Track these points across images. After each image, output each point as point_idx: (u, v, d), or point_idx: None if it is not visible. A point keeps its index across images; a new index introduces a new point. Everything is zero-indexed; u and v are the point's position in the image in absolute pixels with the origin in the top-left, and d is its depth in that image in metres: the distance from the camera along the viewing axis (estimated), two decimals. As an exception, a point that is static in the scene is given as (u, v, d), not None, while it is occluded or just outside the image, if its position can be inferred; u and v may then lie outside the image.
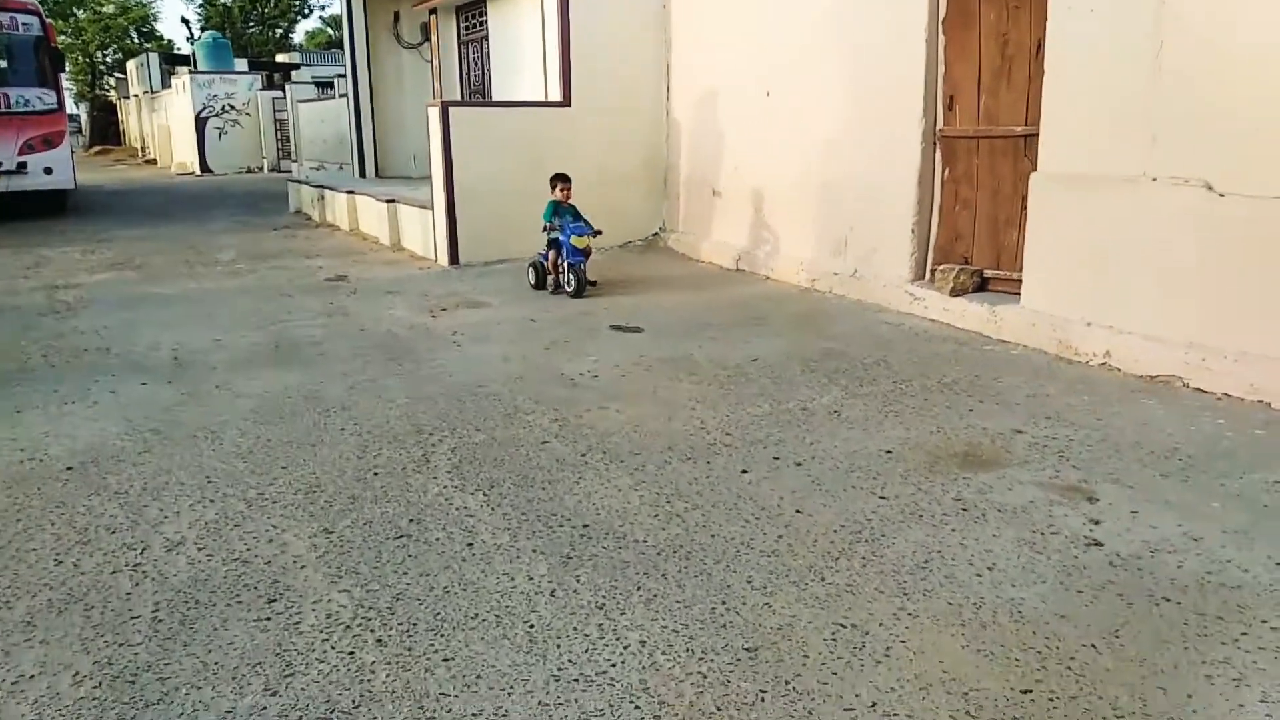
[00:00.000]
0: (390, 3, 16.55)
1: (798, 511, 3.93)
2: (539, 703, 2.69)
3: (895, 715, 2.60)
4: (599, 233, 8.39)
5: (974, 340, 6.60)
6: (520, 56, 12.74)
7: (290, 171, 22.53)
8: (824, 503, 4.00)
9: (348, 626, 3.11)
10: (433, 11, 15.60)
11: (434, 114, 9.69)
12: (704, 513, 3.93)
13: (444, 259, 9.93)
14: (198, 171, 28.06)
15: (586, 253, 8.24)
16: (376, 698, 2.73)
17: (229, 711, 2.67)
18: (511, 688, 2.76)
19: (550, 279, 8.49)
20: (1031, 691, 2.70)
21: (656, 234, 10.85)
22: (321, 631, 3.08)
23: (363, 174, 16.25)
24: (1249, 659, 2.82)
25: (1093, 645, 2.91)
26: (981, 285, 7.07)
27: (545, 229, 8.42)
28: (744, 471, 4.37)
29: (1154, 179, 5.60)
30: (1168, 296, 5.55)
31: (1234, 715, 2.55)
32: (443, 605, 3.23)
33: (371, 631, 3.08)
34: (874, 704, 2.66)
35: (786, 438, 4.78)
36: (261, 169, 28.77)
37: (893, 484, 4.19)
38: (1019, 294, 6.60)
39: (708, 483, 4.24)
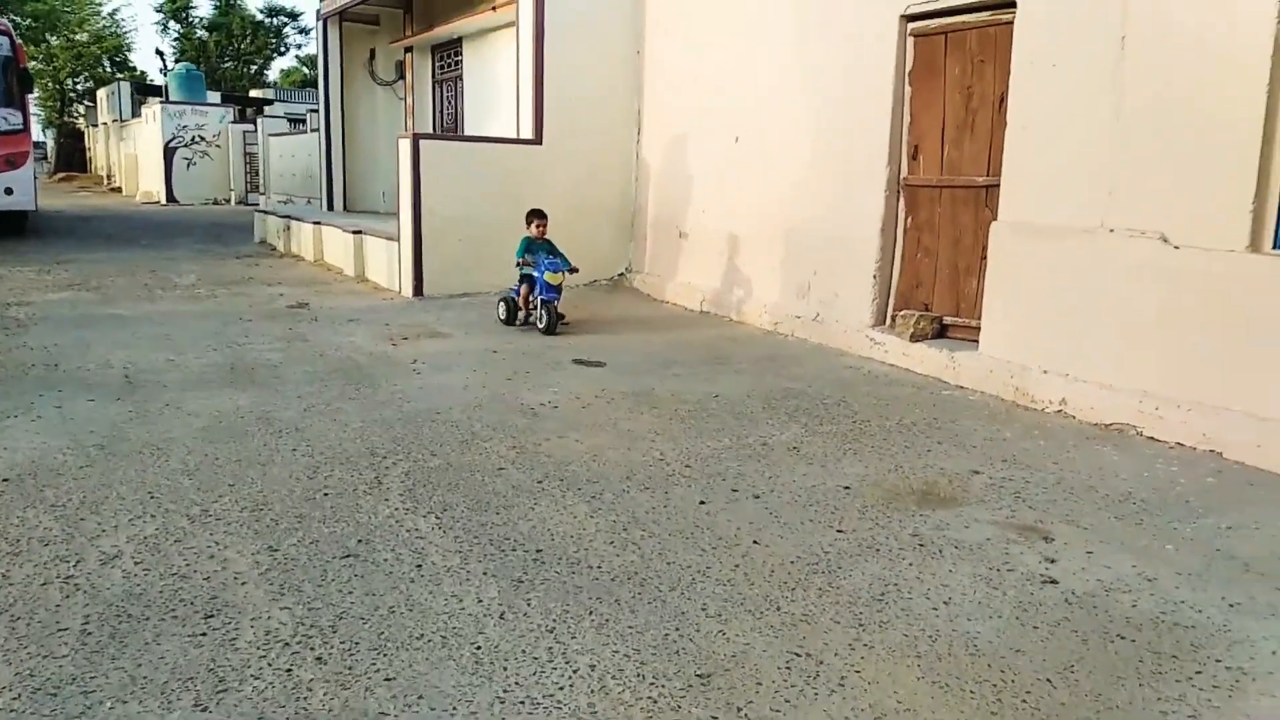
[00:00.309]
0: (366, 40, 16.64)
1: (755, 542, 3.88)
2: (483, 724, 2.60)
3: (848, 743, 2.54)
4: (575, 269, 8.34)
5: (932, 385, 6.65)
6: (494, 96, 12.84)
7: (257, 204, 22.38)
8: (781, 534, 3.96)
9: (286, 644, 3.00)
10: (409, 49, 15.72)
11: (404, 145, 9.68)
12: (660, 541, 3.87)
13: (408, 291, 9.86)
14: (163, 201, 27.80)
15: (559, 289, 8.14)
16: (313, 716, 2.62)
17: (155, 727, 2.55)
18: (455, 709, 2.67)
19: (521, 314, 8.40)
20: (986, 723, 2.65)
21: (623, 274, 10.87)
22: (259, 648, 2.97)
23: (330, 208, 16.19)
24: (1203, 696, 2.80)
25: (1048, 680, 2.88)
26: (941, 332, 7.14)
27: (518, 264, 8.34)
28: (702, 502, 4.32)
29: (1111, 230, 5.71)
30: (1123, 346, 5.63)
31: (1187, 750, 2.53)
32: (387, 625, 3.13)
33: (311, 649, 2.97)
34: (827, 732, 2.60)
35: (746, 471, 4.75)
36: (228, 201, 28.58)
37: (850, 519, 4.16)
38: (977, 341, 6.67)
39: (665, 512, 4.19)
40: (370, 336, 7.98)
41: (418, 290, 9.78)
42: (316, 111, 18.05)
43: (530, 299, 8.29)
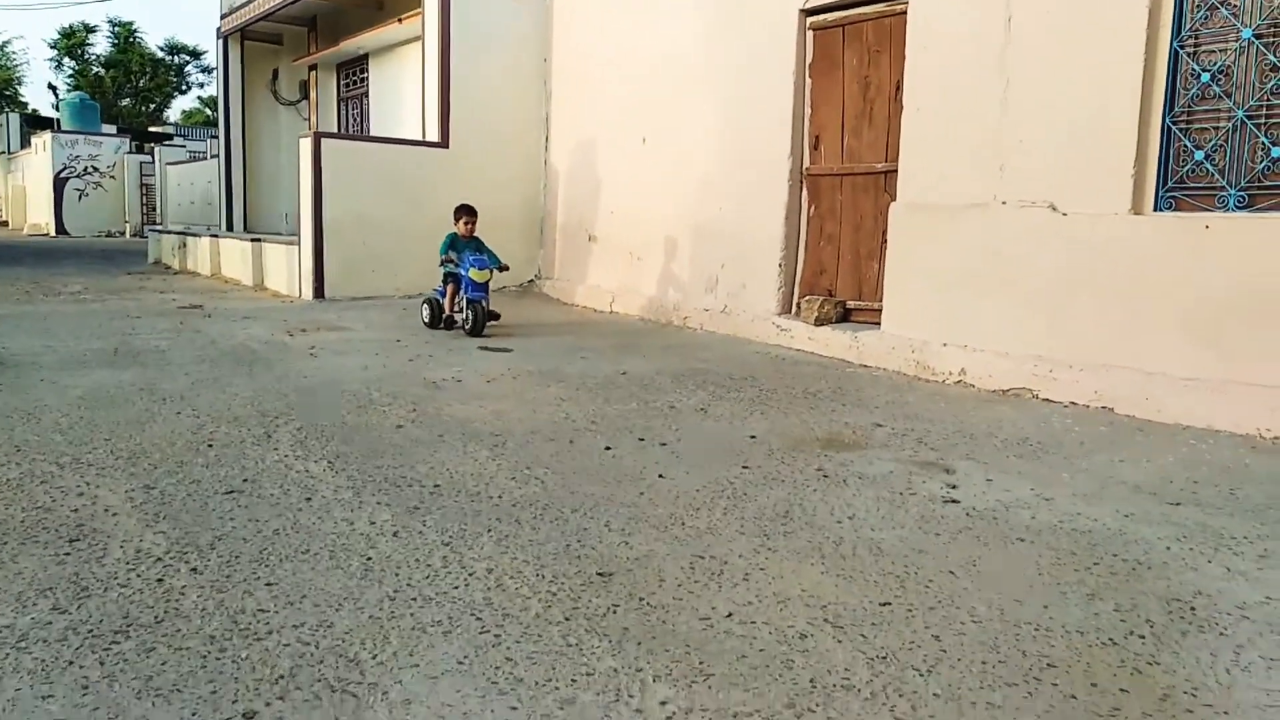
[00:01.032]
0: (269, 59, 16.35)
1: (660, 476, 3.81)
2: (369, 617, 2.45)
3: (752, 623, 2.47)
4: (505, 267, 7.89)
5: (837, 365, 6.71)
6: (400, 112, 12.70)
7: (154, 232, 21.58)
8: (687, 471, 3.90)
9: (159, 560, 2.80)
10: (313, 68, 15.49)
11: (305, 145, 9.48)
12: (564, 477, 3.77)
13: (309, 294, 9.59)
14: (52, 233, 26.68)
15: (486, 288, 7.67)
16: (184, 614, 2.44)
17: (6, 627, 2.33)
18: (341, 605, 2.51)
19: (446, 316, 7.88)
20: (890, 604, 2.62)
21: (533, 280, 10.79)
22: (127, 564, 2.76)
23: (230, 230, 15.71)
24: (1100, 580, 2.83)
25: (951, 572, 2.87)
26: (845, 315, 7.24)
27: (442, 262, 7.82)
28: (608, 448, 4.24)
29: (1003, 203, 5.89)
30: (1018, 314, 5.79)
31: (1090, 621, 2.53)
32: (271, 544, 2.95)
33: (186, 563, 2.78)
34: (730, 614, 2.52)
35: (653, 426, 4.69)
36: (123, 233, 27.56)
37: (756, 458, 4.13)
38: (880, 322, 6.78)
39: (569, 456, 4.09)
40: (267, 329, 7.70)
41: (319, 293, 9.52)
42: (217, 138, 17.59)
43: (456, 299, 7.82)
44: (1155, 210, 5.25)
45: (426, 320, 8.03)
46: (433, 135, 10.06)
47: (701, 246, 8.48)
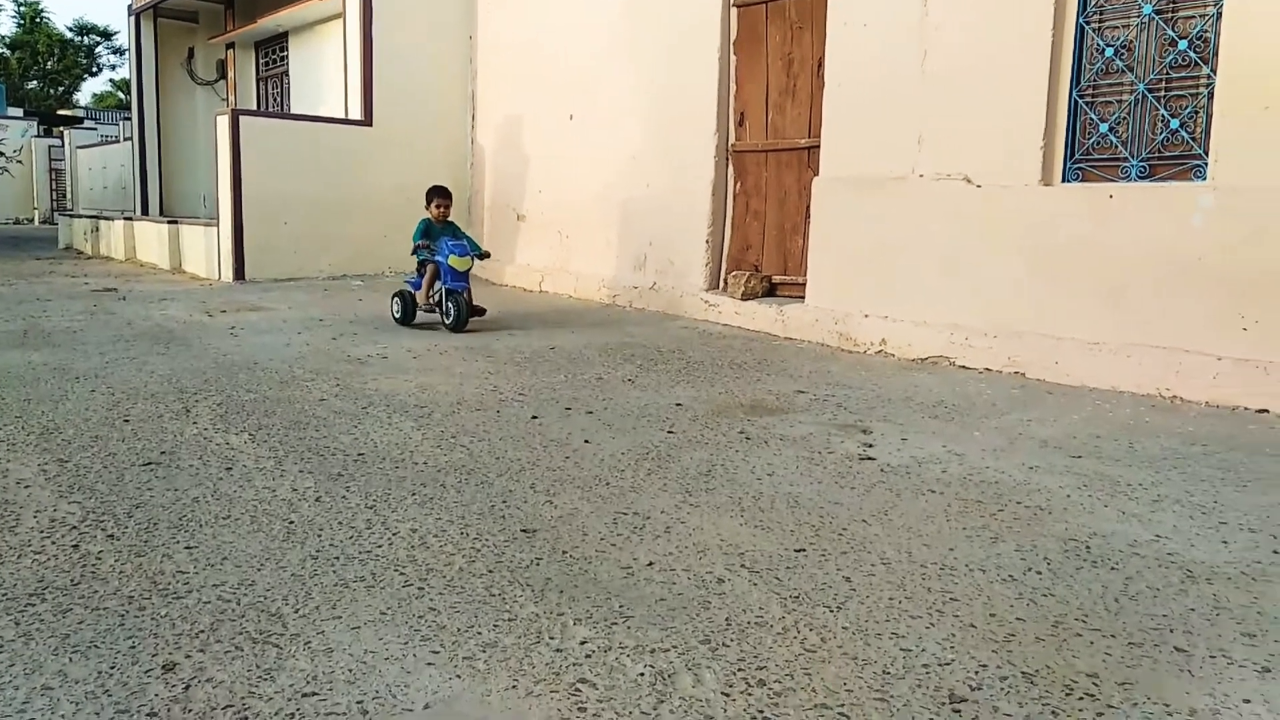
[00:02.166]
0: (184, 37, 15.87)
1: (586, 442, 3.86)
2: (292, 575, 2.45)
3: (672, 570, 2.54)
4: (486, 254, 7.20)
5: (763, 338, 6.83)
6: (322, 91, 12.46)
7: (66, 219, 20.84)
8: (613, 437, 3.96)
9: (74, 528, 2.76)
10: (230, 46, 15.10)
11: (222, 123, 9.27)
12: (490, 444, 3.79)
13: (229, 276, 9.39)
14: (-47, 220, 25.56)
15: (467, 277, 6.89)
16: (101, 577, 2.41)
17: (-90, 595, 2.29)
18: (263, 565, 2.51)
19: (421, 310, 7.06)
20: (805, 550, 2.71)
21: (459, 261, 10.71)
22: (41, 533, 2.72)
23: (146, 215, 15.26)
24: (1004, 525, 2.96)
25: (864, 521, 2.98)
26: (771, 290, 7.36)
27: (415, 250, 7.00)
28: (534, 417, 4.27)
29: (921, 175, 6.05)
30: (935, 284, 5.96)
31: (992, 560, 2.65)
32: (191, 511, 2.93)
33: (103, 529, 2.74)
34: (651, 563, 2.59)
35: (580, 396, 4.73)
36: (32, 220, 26.56)
37: (681, 424, 4.20)
38: (804, 296, 6.91)
39: (496, 425, 4.11)
40: (185, 310, 7.54)
41: (239, 275, 9.33)
42: (130, 121, 17.03)
43: (433, 291, 7.00)
44: (1064, 181, 5.45)
45: (398, 315, 7.09)
46: (355, 113, 9.92)
47: (630, 224, 8.52)
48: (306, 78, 13.33)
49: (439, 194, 7.21)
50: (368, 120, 9.85)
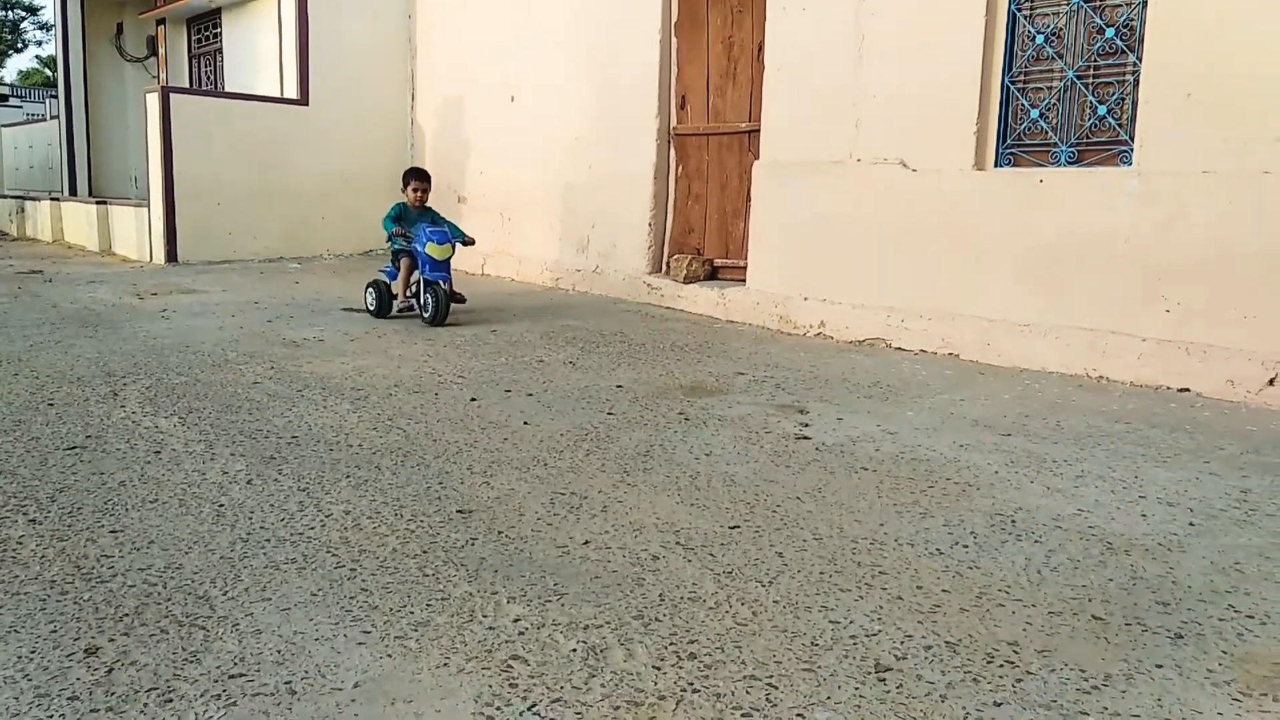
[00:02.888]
0: (113, 13, 15.38)
1: (525, 423, 3.85)
2: (221, 558, 2.42)
3: (607, 548, 2.55)
4: (470, 240, 6.51)
5: (706, 321, 6.87)
6: (257, 70, 12.16)
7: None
8: (552, 418, 3.95)
9: (-8, 513, 2.68)
10: (160, 22, 14.66)
11: (152, 101, 9.02)
12: (427, 426, 3.77)
13: (160, 258, 9.16)
14: None
15: (448, 266, 6.31)
16: (22, 562, 2.35)
17: None
18: (190, 548, 2.47)
19: (398, 302, 6.55)
20: (739, 527, 2.74)
21: (400, 244, 10.58)
22: (-43, 519, 2.63)
23: (74, 195, 14.79)
24: (933, 501, 3.02)
25: (798, 498, 3.02)
26: (713, 273, 7.40)
27: (390, 238, 6.43)
28: (473, 399, 4.25)
29: (859, 160, 6.12)
30: (873, 267, 6.04)
31: (920, 535, 2.71)
32: (117, 495, 2.86)
33: (24, 514, 2.67)
34: (586, 542, 2.60)
35: (520, 379, 4.71)
36: (-48, 201, 25.52)
37: (621, 405, 4.21)
38: (745, 280, 6.96)
39: (434, 407, 4.09)
40: (114, 293, 7.34)
41: (171, 257, 9.11)
42: (57, 99, 16.45)
43: (411, 281, 6.52)
44: (996, 166, 5.56)
45: (372, 308, 6.56)
46: (291, 92, 9.72)
47: (573, 207, 8.49)
48: (241, 56, 13.00)
49: (416, 176, 6.64)
50: (304, 100, 9.66)
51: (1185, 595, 2.34)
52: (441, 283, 6.22)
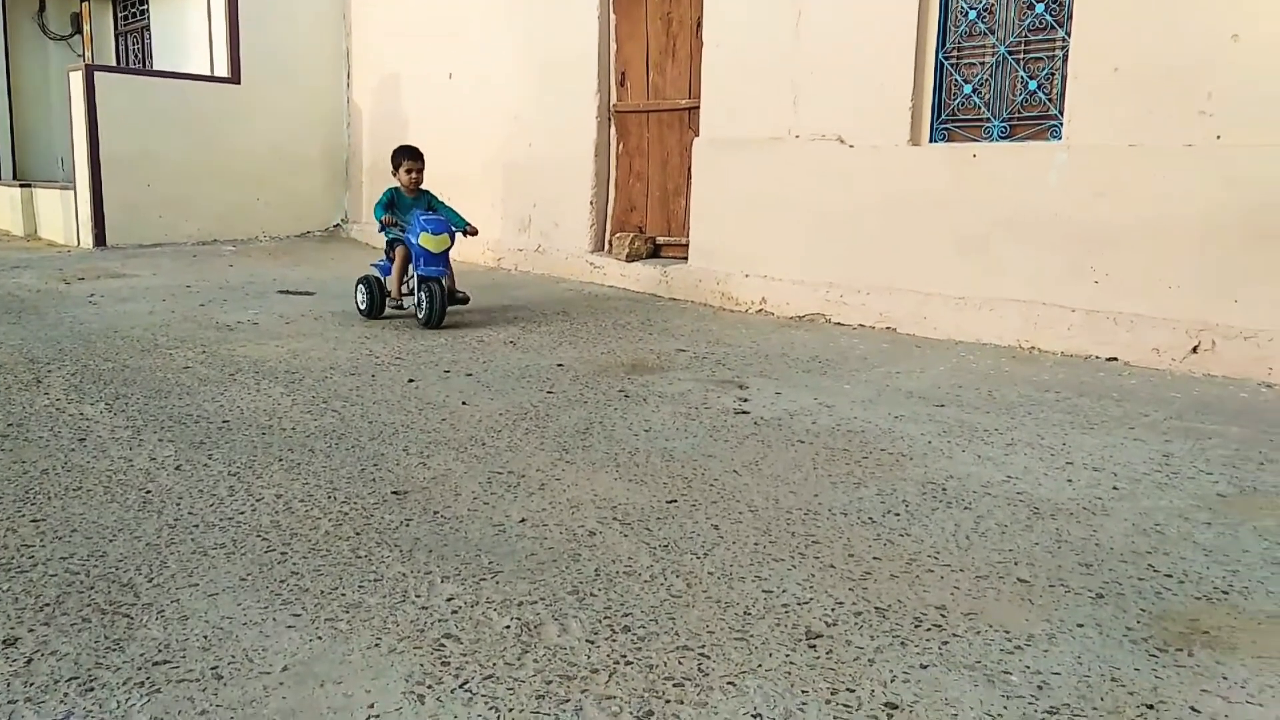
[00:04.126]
0: (34, -12, 14.82)
1: (463, 404, 3.83)
2: (146, 545, 2.36)
3: (544, 525, 2.55)
4: (472, 230, 5.71)
5: (648, 299, 6.87)
6: (187, 47, 11.79)
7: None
8: (491, 398, 3.93)
9: (-95, 506, 2.59)
10: (85, -1, 14.18)
11: (76, 80, 8.73)
12: (363, 408, 3.72)
13: (88, 242, 8.90)
14: None
15: (445, 259, 5.49)
16: (-67, 555, 2.28)
17: None
18: (115, 536, 2.41)
19: (390, 300, 5.76)
20: (676, 501, 2.75)
21: (339, 225, 10.41)
22: None
23: (-5, 178, 14.28)
24: (868, 470, 3.07)
25: (735, 471, 3.04)
26: (655, 251, 7.40)
27: (381, 227, 5.70)
28: (411, 380, 4.20)
29: (797, 136, 6.15)
30: (812, 244, 6.08)
31: (854, 504, 2.74)
32: (39, 483, 2.79)
33: (-63, 506, 2.58)
34: (523, 519, 2.59)
35: (460, 359, 4.67)
36: None
37: (561, 384, 4.20)
38: (687, 257, 6.96)
39: (371, 389, 4.03)
40: (39, 278, 7.12)
41: (100, 240, 8.85)
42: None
43: (406, 277, 5.73)
44: (931, 141, 5.62)
45: (362, 307, 5.79)
46: (222, 70, 9.48)
47: (514, 185, 8.41)
48: (170, 33, 12.60)
49: (408, 156, 5.75)
50: (235, 78, 9.43)
51: (1107, 556, 2.40)
52: (438, 278, 5.43)
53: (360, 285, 5.85)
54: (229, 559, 2.29)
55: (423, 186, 5.81)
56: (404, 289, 5.73)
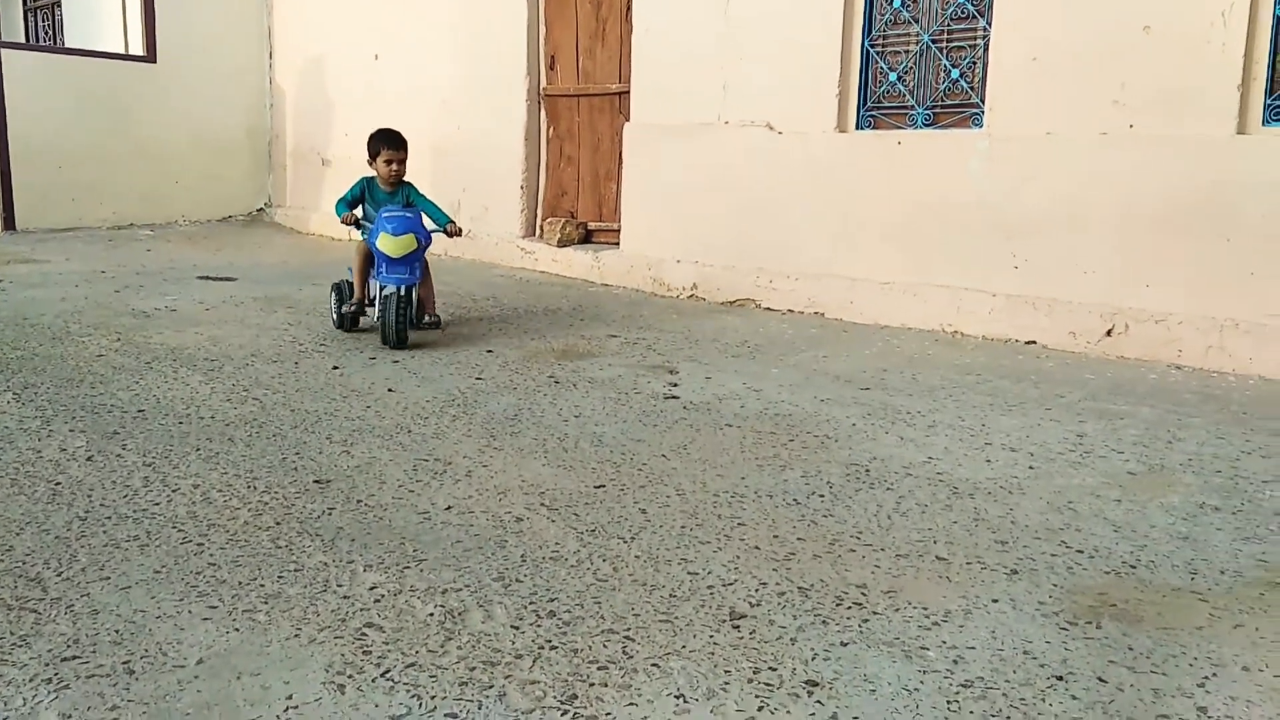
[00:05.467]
0: (-68, -41, 14.12)
1: (390, 390, 3.77)
2: (55, 538, 2.29)
3: (470, 513, 2.53)
4: (456, 230, 4.80)
5: (580, 285, 6.84)
6: (100, 24, 11.34)
7: None
8: (418, 385, 3.88)
9: None
10: (-11, -29, 13.55)
11: (-19, 57, 8.34)
12: (285, 396, 3.64)
13: (-3, 226, 8.54)
14: None
15: (410, 265, 4.49)
16: None
17: None
18: (22, 529, 2.33)
19: (346, 307, 4.82)
20: (605, 486, 2.76)
21: (262, 209, 10.16)
22: None
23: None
24: (794, 453, 3.11)
25: (664, 456, 3.05)
26: (587, 237, 7.37)
27: (343, 220, 4.77)
28: (335, 368, 4.13)
29: (727, 123, 6.17)
30: (742, 230, 6.12)
31: (779, 487, 2.78)
32: (-62, 477, 2.67)
33: None
34: (449, 507, 2.57)
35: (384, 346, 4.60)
36: None
37: (490, 370, 4.17)
38: (619, 243, 6.95)
39: (294, 376, 3.95)
40: (-57, 263, 6.81)
41: (9, 224, 8.50)
42: None
43: (368, 284, 4.77)
44: (857, 129, 5.69)
45: (335, 314, 4.92)
46: (137, 49, 9.14)
47: (442, 170, 8.28)
48: (81, 9, 12.14)
49: (387, 143, 4.78)
50: (151, 57, 9.11)
51: (1022, 534, 2.47)
52: (400, 288, 4.45)
53: (334, 291, 4.97)
54: (143, 551, 2.22)
55: (405, 179, 4.88)
56: (368, 297, 4.77)
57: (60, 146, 8.66)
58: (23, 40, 13.32)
